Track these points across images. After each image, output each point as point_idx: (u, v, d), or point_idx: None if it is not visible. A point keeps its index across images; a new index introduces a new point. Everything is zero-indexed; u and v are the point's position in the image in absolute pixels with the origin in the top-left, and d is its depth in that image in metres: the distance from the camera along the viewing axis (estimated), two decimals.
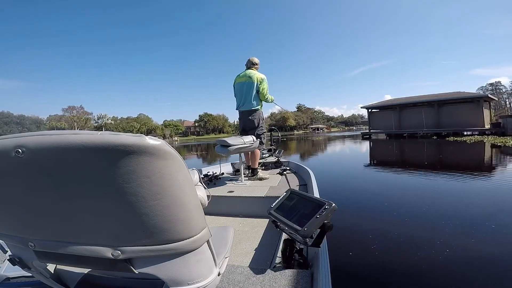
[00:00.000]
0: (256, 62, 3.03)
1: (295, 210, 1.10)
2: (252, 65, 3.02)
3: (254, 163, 2.88)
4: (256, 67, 3.04)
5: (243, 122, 2.98)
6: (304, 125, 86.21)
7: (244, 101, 2.90)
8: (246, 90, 2.88)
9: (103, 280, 0.79)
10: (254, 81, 2.86)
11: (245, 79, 2.90)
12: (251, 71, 2.96)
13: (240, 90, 2.92)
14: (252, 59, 3.03)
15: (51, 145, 0.41)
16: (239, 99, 2.96)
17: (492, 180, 4.52)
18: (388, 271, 1.82)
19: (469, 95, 20.26)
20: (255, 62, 3.03)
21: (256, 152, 2.88)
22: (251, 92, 2.87)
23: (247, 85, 2.88)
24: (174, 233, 0.51)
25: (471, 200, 3.37)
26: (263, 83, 2.90)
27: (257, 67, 3.05)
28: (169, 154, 0.47)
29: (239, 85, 2.93)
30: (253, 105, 2.90)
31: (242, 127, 3.00)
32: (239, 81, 2.94)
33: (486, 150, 9.34)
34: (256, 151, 2.88)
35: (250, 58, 3.04)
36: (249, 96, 2.88)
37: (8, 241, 0.60)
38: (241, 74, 2.97)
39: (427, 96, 23.30)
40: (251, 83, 2.87)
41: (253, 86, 2.87)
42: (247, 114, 2.92)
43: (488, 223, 2.50)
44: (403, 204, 3.36)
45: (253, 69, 3.00)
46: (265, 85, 2.91)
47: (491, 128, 17.29)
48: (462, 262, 1.88)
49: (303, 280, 0.94)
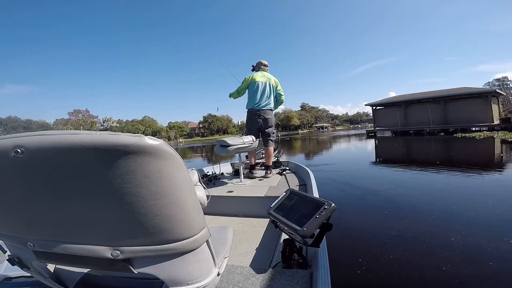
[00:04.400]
0: (267, 64, 3.19)
1: (294, 210, 1.09)
2: (264, 66, 3.16)
3: (268, 161, 2.99)
4: (267, 69, 3.19)
5: (261, 120, 2.97)
6: (309, 124, 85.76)
7: (265, 101, 2.98)
8: (268, 90, 2.99)
9: (102, 280, 0.79)
10: (273, 82, 3.03)
11: (265, 79, 2.99)
12: (267, 73, 3.10)
13: (261, 89, 2.95)
14: (263, 62, 3.18)
15: (50, 145, 0.41)
16: (258, 97, 2.95)
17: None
18: (388, 271, 1.80)
19: (476, 91, 19.87)
20: (266, 64, 3.19)
21: (270, 150, 3.00)
22: (271, 93, 3.02)
23: (268, 86, 2.99)
24: (173, 233, 0.51)
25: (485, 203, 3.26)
26: (279, 85, 3.09)
27: (268, 69, 3.20)
28: (168, 154, 0.47)
29: (259, 84, 2.95)
30: (271, 105, 3.04)
31: (258, 126, 2.98)
32: (260, 80, 2.96)
33: (498, 146, 9.05)
34: (270, 149, 3.01)
35: (261, 61, 3.18)
36: (270, 96, 3.01)
37: (7, 241, 0.60)
38: (259, 74, 3.01)
39: (433, 92, 22.89)
40: (271, 84, 3.01)
41: (273, 87, 3.03)
42: (266, 114, 2.99)
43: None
44: (406, 204, 3.31)
45: (266, 71, 3.13)
46: (280, 87, 3.11)
47: (500, 124, 16.89)
48: (472, 270, 1.80)
49: (303, 280, 0.94)
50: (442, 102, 20.54)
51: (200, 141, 57.07)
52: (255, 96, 2.94)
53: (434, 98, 21.09)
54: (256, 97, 2.94)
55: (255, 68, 3.21)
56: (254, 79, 2.96)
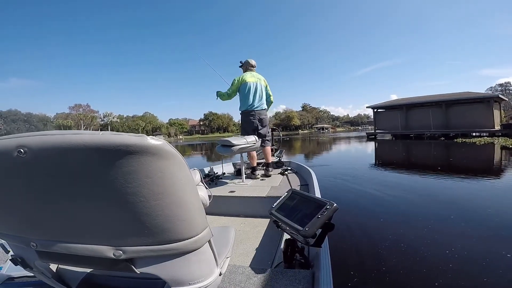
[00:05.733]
0: (254, 65, 3.17)
1: (296, 210, 1.09)
2: (252, 67, 3.14)
3: (268, 159, 3.04)
4: (255, 69, 3.18)
5: (257, 121, 2.99)
6: (309, 125, 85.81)
7: (258, 101, 2.99)
8: (260, 90, 3.00)
9: (105, 280, 0.79)
10: (263, 83, 3.05)
11: (256, 80, 2.99)
12: (256, 73, 3.09)
13: (253, 90, 2.95)
14: (251, 62, 3.14)
15: (53, 145, 0.41)
16: (251, 98, 2.95)
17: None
18: (390, 272, 1.80)
19: (478, 96, 19.81)
20: (254, 65, 3.17)
21: (267, 149, 3.05)
22: (263, 93, 3.04)
23: (259, 86, 3.00)
24: (175, 233, 0.51)
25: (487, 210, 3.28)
26: (268, 86, 3.12)
27: (255, 69, 3.19)
28: (170, 154, 0.47)
29: (251, 85, 2.94)
30: (264, 105, 3.07)
31: (254, 126, 2.99)
32: (251, 81, 2.95)
33: (499, 152, 8.98)
34: (267, 148, 3.06)
35: (250, 61, 3.14)
36: (263, 96, 3.03)
37: (10, 241, 0.60)
38: (249, 75, 2.99)
39: (435, 96, 22.86)
40: (262, 85, 3.03)
41: (263, 88, 3.05)
42: (260, 114, 3.02)
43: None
44: (407, 205, 3.32)
45: (253, 71, 3.12)
46: (269, 88, 3.14)
47: (501, 130, 16.87)
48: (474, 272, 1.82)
49: (304, 280, 0.94)
50: (444, 106, 20.49)
51: (200, 138, 57.13)
52: (249, 98, 2.94)
53: (436, 102, 21.04)
54: (250, 98, 2.94)
55: (243, 67, 3.19)
56: (244, 80, 2.93)
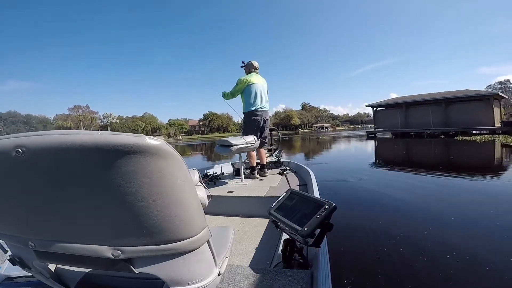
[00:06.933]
0: (257, 67, 3.20)
1: (295, 210, 1.09)
2: (255, 69, 3.16)
3: (263, 161, 3.06)
4: (258, 71, 3.20)
5: (263, 121, 3.05)
6: (309, 124, 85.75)
7: (265, 102, 3.06)
8: (265, 92, 3.07)
9: (103, 280, 0.80)
10: (265, 85, 3.13)
11: (262, 82, 3.07)
12: (259, 75, 3.14)
13: (260, 91, 3.01)
14: (254, 64, 3.16)
15: (51, 145, 0.41)
16: (258, 100, 3.00)
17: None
18: (389, 272, 1.80)
19: (478, 93, 19.78)
20: (257, 67, 3.19)
21: (262, 151, 3.07)
22: (267, 94, 3.12)
23: (264, 88, 3.07)
24: (174, 233, 0.51)
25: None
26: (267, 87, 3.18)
27: (258, 71, 3.22)
28: (169, 154, 0.47)
29: (257, 87, 2.99)
30: (268, 106, 3.13)
31: (261, 125, 3.05)
32: (258, 82, 3.02)
33: (500, 150, 8.89)
34: (262, 151, 3.08)
35: (253, 62, 3.16)
36: (267, 98, 3.11)
37: (8, 241, 0.60)
38: (254, 76, 3.04)
39: (435, 94, 22.83)
40: (265, 87, 3.10)
41: (266, 90, 3.13)
42: (265, 114, 3.09)
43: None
44: (407, 205, 3.32)
45: (257, 73, 3.16)
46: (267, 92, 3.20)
47: (502, 127, 16.86)
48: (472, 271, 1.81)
49: (303, 280, 0.94)
50: (444, 104, 20.46)
51: (199, 138, 57.06)
52: (256, 98, 2.98)
53: (435, 100, 21.02)
54: (257, 99, 2.98)
55: (246, 68, 3.20)
56: (251, 81, 2.98)
